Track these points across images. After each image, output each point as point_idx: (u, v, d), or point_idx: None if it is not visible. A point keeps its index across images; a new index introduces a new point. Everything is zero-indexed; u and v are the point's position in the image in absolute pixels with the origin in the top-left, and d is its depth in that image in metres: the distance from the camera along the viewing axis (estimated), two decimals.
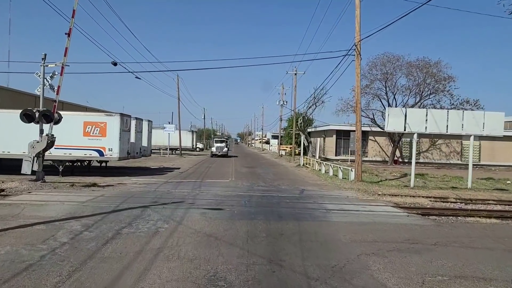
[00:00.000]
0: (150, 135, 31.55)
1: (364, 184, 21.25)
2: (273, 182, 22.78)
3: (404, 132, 20.72)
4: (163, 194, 15.55)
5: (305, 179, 25.96)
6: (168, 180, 22.17)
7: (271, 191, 17.89)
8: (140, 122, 28.62)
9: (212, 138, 61.47)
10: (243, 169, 34.88)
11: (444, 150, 45.21)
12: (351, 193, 17.91)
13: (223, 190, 17.53)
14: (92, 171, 26.25)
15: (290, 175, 29.83)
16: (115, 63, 24.63)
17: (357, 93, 22.59)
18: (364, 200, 15.62)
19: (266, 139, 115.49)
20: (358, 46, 21.89)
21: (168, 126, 54.45)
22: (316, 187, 20.56)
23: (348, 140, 46.25)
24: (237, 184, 20.59)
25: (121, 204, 12.29)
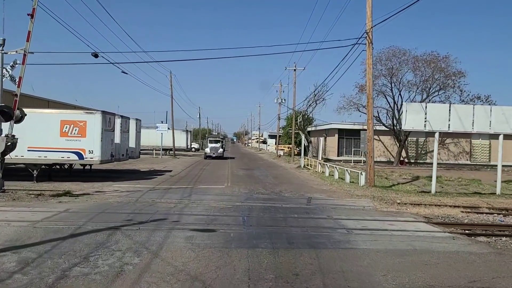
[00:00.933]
0: (138, 135, 28.88)
1: (377, 190, 18.69)
2: (274, 187, 20.19)
3: (424, 130, 18.16)
4: (144, 206, 12.91)
5: (309, 184, 23.39)
6: (155, 186, 19.52)
7: (274, 201, 15.29)
8: (127, 120, 25.94)
9: (206, 137, 53.94)
10: (240, 171, 32.28)
11: (453, 150, 42.77)
12: (367, 202, 15.34)
13: (217, 200, 14.92)
14: (74, 176, 23.59)
15: (292, 178, 27.25)
16: (96, 55, 21.93)
17: (369, 86, 20.04)
18: (385, 213, 13.04)
19: (262, 138, 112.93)
20: (369, 33, 19.34)
21: (161, 126, 51.67)
22: (323, 194, 17.99)
23: (351, 139, 43.77)
24: (234, 191, 17.98)
25: (85, 224, 9.63)
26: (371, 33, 19.40)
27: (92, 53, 22.01)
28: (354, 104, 41.23)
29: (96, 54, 22.04)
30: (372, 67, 41.48)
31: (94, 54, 21.95)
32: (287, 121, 62.29)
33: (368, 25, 19.40)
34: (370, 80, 19.98)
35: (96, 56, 22.15)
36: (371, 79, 19.97)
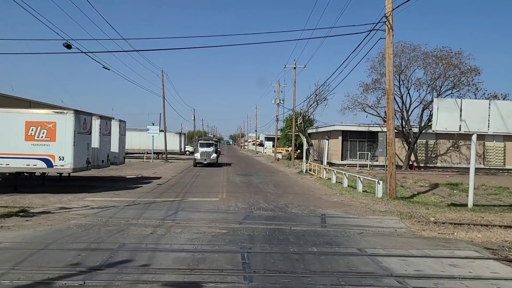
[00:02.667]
0: (122, 139, 25.76)
1: (401, 204, 15.64)
2: (277, 200, 17.11)
3: (459, 132, 15.15)
4: (109, 235, 9.76)
5: (316, 193, 20.35)
6: (137, 199, 16.40)
7: (279, 220, 12.23)
8: (108, 122, 22.81)
9: (196, 140, 43.86)
10: (236, 177, 29.18)
11: (465, 152, 39.85)
12: (396, 222, 12.30)
13: (208, 221, 11.85)
14: (47, 185, 20.44)
15: (295, 186, 24.19)
16: (68, 45, 18.81)
17: (389, 80, 17.04)
18: (430, 241, 9.95)
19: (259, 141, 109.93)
20: (390, 17, 16.36)
21: (152, 128, 48.49)
22: (338, 208, 14.92)
23: (355, 142, 40.81)
24: (230, 206, 14.89)
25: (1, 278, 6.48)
26: (391, 17, 16.43)
27: (64, 43, 18.91)
28: (359, 104, 38.30)
29: (69, 45, 18.92)
30: (378, 63, 38.90)
31: (66, 44, 18.83)
32: (286, 123, 59.29)
33: (388, 7, 16.43)
34: (390, 73, 16.98)
35: (68, 47, 19.03)
36: (391, 71, 16.97)
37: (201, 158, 37.59)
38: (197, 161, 37.81)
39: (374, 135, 40.52)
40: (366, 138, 40.78)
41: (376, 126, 39.13)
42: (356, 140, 40.73)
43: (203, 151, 38.00)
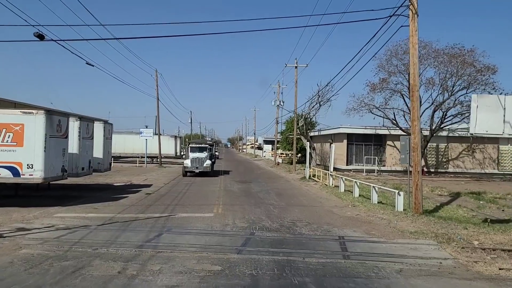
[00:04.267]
0: (108, 143, 23.17)
1: (431, 221, 13.08)
2: (282, 215, 14.57)
3: (501, 135, 12.65)
4: (61, 277, 7.11)
5: (325, 205, 17.84)
6: (116, 215, 13.83)
7: (288, 247, 9.70)
8: (89, 124, 20.25)
9: (187, 144, 37.39)
10: (234, 185, 26.65)
11: (478, 157, 37.41)
12: (435, 248, 9.77)
13: (198, 249, 9.32)
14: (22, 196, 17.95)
15: (300, 196, 21.66)
16: (40, 35, 16.29)
17: (414, 74, 14.50)
18: (493, 281, 7.47)
19: (258, 144, 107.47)
20: (414, 0, 13.87)
21: (145, 131, 46.04)
22: (356, 227, 12.38)
23: (361, 146, 38.30)
24: (226, 225, 12.34)
25: None
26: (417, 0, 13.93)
27: (35, 33, 16.36)
28: (366, 104, 35.75)
29: (41, 35, 16.39)
30: (386, 61, 36.49)
31: (37, 34, 16.28)
32: (287, 125, 56.80)
33: None
34: (415, 66, 14.43)
35: (41, 38, 16.50)
36: (416, 63, 14.43)
37: (192, 165, 31.07)
38: (187, 170, 31.33)
39: (381, 138, 38.10)
40: (373, 142, 38.32)
41: (384, 129, 36.68)
42: (362, 144, 38.25)
43: (194, 157, 31.31)
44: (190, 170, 31.10)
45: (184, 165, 31.84)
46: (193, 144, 34.30)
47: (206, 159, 31.58)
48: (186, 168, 31.33)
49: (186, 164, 31.60)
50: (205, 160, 31.42)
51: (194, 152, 31.99)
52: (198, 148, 32.66)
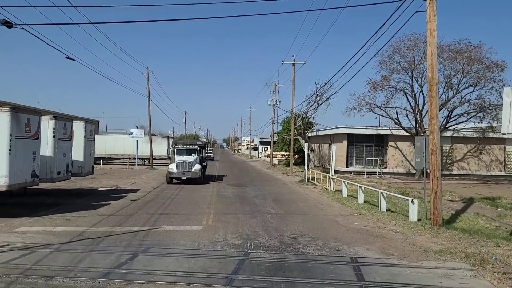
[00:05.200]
0: (90, 144, 21.25)
1: (454, 236, 11.26)
2: (281, 227, 12.72)
3: None
4: None
5: (328, 213, 16.02)
6: (89, 228, 11.94)
7: (291, 274, 7.84)
8: (67, 123, 18.31)
9: (173, 145, 30.54)
10: (228, 189, 24.81)
11: (484, 158, 35.75)
12: (472, 275, 7.93)
13: (178, 279, 7.45)
14: None
15: (299, 201, 19.83)
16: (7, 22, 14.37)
17: (432, 65, 12.69)
18: None
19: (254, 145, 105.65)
20: None
21: (136, 131, 44.07)
22: (369, 244, 10.55)
23: (362, 147, 36.53)
24: (216, 242, 10.46)
25: None
26: None
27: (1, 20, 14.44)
28: (367, 103, 34.03)
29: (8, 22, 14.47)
30: (388, 58, 34.72)
31: (4, 21, 14.38)
32: (284, 125, 54.97)
33: None
34: (433, 56, 12.63)
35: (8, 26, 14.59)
36: (435, 53, 12.62)
37: (178, 171, 26.03)
38: (172, 176, 26.26)
39: (382, 138, 36.37)
40: (374, 142, 36.55)
41: (386, 129, 34.95)
42: (362, 145, 36.48)
43: (181, 161, 26.32)
44: (176, 177, 26.26)
45: (168, 171, 26.74)
46: (179, 146, 28.67)
47: (195, 163, 26.62)
48: (171, 174, 26.36)
49: (171, 169, 26.50)
50: (193, 164, 26.42)
51: (180, 154, 27.13)
52: (186, 150, 27.64)
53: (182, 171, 26.01)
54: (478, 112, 30.66)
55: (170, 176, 26.39)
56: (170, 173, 26.38)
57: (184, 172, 26.00)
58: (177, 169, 26.09)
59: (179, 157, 26.75)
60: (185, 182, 26.20)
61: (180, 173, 26.03)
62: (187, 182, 26.18)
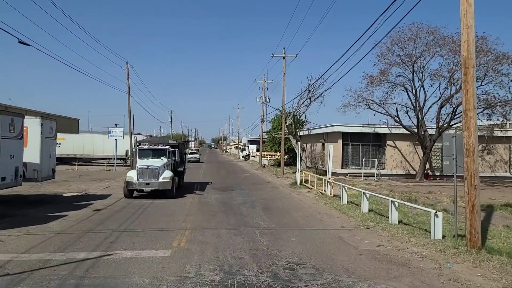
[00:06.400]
0: (49, 144, 18.24)
1: (506, 265, 8.58)
2: (273, 252, 9.89)
3: None
4: None
5: (329, 226, 13.28)
6: (19, 255, 9.00)
7: None
8: (15, 119, 15.24)
9: (136, 145, 23.28)
10: (212, 194, 21.99)
11: (488, 158, 33.38)
12: None
13: None
14: None
15: (293, 210, 17.06)
16: None
17: (468, 42, 9.96)
18: None
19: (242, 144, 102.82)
20: None
21: (115, 130, 40.90)
22: (396, 281, 7.78)
23: (358, 146, 33.92)
24: (185, 280, 7.57)
25: None
26: None
27: None
28: (364, 99, 31.40)
29: None
30: (387, 50, 32.03)
31: None
32: (273, 124, 52.23)
33: None
34: (470, 30, 9.79)
35: None
36: (472, 26, 9.82)
37: (139, 180, 19.10)
38: (131, 187, 19.39)
39: (380, 137, 33.79)
40: (371, 142, 33.94)
41: (384, 127, 32.38)
42: (359, 144, 33.84)
43: (144, 166, 19.34)
44: (137, 189, 19.37)
45: (126, 180, 19.50)
46: (144, 145, 21.64)
47: (164, 169, 19.81)
48: (129, 185, 19.30)
49: (129, 177, 19.37)
50: (161, 171, 19.49)
51: (144, 157, 20.36)
52: (153, 152, 20.79)
53: (145, 180, 19.11)
54: (484, 109, 28.19)
55: (129, 188, 19.35)
56: (129, 183, 19.29)
57: (148, 183, 19.09)
58: (138, 178, 19.12)
59: (142, 161, 19.87)
60: (150, 196, 19.50)
61: (142, 184, 19.10)
62: (152, 196, 19.47)
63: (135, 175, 19.24)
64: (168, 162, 20.69)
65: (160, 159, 20.35)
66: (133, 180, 19.21)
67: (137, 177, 19.17)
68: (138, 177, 19.16)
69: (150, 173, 19.20)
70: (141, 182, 19.11)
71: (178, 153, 22.42)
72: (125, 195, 19.70)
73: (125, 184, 19.70)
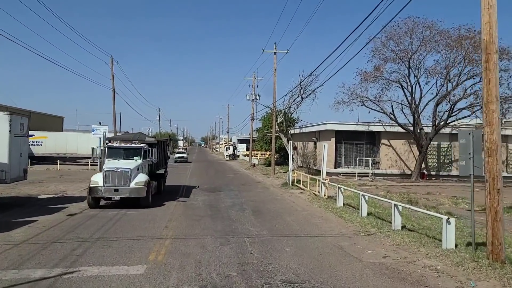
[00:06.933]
0: (20, 142, 16.62)
1: None
2: (265, 266, 8.56)
3: None
4: None
5: (327, 234, 12.00)
6: None
7: None
8: None
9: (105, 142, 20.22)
10: (199, 195, 20.67)
11: None
12: None
13: None
14: None
15: (286, 214, 15.75)
16: None
17: (490, 23, 8.67)
18: None
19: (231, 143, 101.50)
20: None
21: (98, 128, 39.26)
22: None
23: (351, 145, 32.77)
24: None
25: None
26: None
27: None
28: (358, 96, 30.25)
29: None
30: (382, 45, 30.87)
31: None
32: (264, 122, 50.88)
33: None
34: (492, 9, 8.51)
35: None
36: (494, 5, 8.54)
37: (106, 186, 15.80)
38: (96, 194, 15.93)
39: (374, 136, 32.67)
40: (365, 140, 32.79)
41: (378, 125, 31.23)
42: (352, 143, 32.65)
43: (112, 168, 16.04)
44: (103, 196, 15.98)
45: (90, 185, 16.02)
46: (114, 143, 18.04)
47: (136, 172, 16.41)
48: (93, 192, 15.81)
49: (94, 182, 15.91)
50: (134, 174, 16.09)
51: (115, 157, 17.17)
52: (124, 151, 17.47)
53: (113, 186, 15.72)
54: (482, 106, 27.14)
55: (93, 195, 15.84)
56: (93, 189, 15.79)
57: (117, 189, 15.70)
58: (104, 183, 15.69)
59: (112, 163, 16.62)
60: (121, 204, 16.03)
61: (109, 190, 15.70)
62: (122, 204, 15.99)
63: (101, 179, 15.83)
64: (143, 164, 17.32)
65: (133, 160, 17.04)
66: (98, 186, 15.75)
67: (103, 181, 15.74)
68: (104, 181, 15.73)
69: (119, 177, 15.82)
70: (108, 188, 15.70)
71: (157, 153, 19.13)
72: (89, 204, 16.06)
73: (88, 190, 16.19)
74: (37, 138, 47.27)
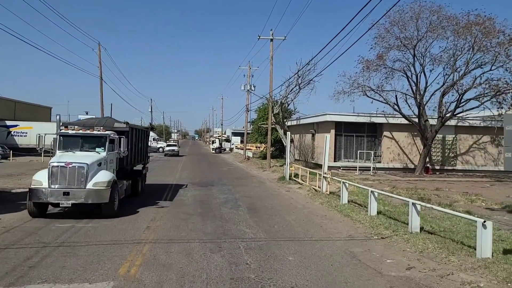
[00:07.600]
0: None
1: None
2: (264, 278, 6.87)
3: None
4: None
5: (335, 237, 10.32)
6: None
7: None
8: None
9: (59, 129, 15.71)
10: (189, 191, 18.91)
11: (491, 151, 30.93)
12: None
13: None
14: None
15: (285, 212, 14.03)
16: None
17: None
18: None
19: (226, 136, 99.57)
20: None
21: (85, 118, 37.15)
22: None
23: (352, 137, 31.13)
24: None
25: None
26: None
27: None
28: (360, 85, 28.51)
29: None
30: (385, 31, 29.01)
31: None
32: (259, 113, 49.06)
33: None
34: None
35: None
36: None
37: (51, 187, 11.30)
38: (37, 200, 11.36)
39: (376, 128, 31.01)
40: (366, 132, 31.12)
41: (380, 116, 29.54)
42: (352, 135, 30.95)
43: (61, 163, 11.58)
44: (48, 201, 11.56)
45: (31, 186, 11.59)
46: (69, 131, 13.00)
47: (97, 168, 12.12)
48: (34, 196, 11.39)
49: (36, 182, 11.57)
50: (92, 171, 11.78)
51: (70, 148, 12.85)
52: (82, 140, 13.00)
53: (61, 187, 11.40)
54: (492, 96, 25.55)
55: (34, 200, 11.43)
56: (34, 192, 11.38)
57: (68, 192, 11.36)
58: (50, 183, 11.39)
59: (63, 155, 12.34)
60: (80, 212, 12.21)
61: (56, 193, 11.34)
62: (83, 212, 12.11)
63: (45, 177, 11.50)
64: (108, 158, 12.85)
65: (94, 152, 12.69)
66: (41, 187, 11.35)
67: (49, 181, 11.40)
68: (50, 181, 11.39)
69: (71, 176, 11.49)
70: (55, 190, 11.32)
71: (131, 143, 15.15)
72: (30, 212, 11.67)
73: (28, 195, 11.64)
74: (22, 128, 45.26)
